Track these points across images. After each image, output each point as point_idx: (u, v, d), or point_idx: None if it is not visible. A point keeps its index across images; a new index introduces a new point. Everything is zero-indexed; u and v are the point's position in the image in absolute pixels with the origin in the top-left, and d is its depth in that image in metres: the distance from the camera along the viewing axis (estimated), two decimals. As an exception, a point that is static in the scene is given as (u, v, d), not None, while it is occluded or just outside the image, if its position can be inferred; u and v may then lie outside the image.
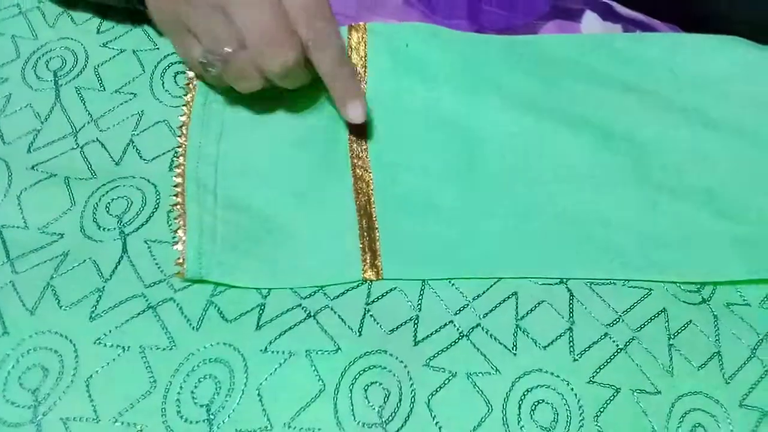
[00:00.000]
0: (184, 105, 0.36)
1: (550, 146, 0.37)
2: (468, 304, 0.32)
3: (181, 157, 0.35)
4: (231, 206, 0.34)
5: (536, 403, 0.29)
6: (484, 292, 0.33)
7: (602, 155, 0.37)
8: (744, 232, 0.35)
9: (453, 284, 0.33)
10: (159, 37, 0.39)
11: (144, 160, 0.35)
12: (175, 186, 0.34)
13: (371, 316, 0.31)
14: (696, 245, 0.34)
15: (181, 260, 0.31)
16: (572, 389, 0.29)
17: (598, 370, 0.30)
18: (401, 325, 0.31)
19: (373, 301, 0.32)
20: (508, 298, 0.32)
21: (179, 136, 0.35)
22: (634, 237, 0.34)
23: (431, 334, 0.31)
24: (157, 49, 0.39)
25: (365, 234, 0.34)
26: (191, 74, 0.37)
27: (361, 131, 0.37)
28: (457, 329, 0.31)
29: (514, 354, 0.30)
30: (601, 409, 0.29)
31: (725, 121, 0.37)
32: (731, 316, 0.33)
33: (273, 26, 0.32)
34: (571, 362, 0.30)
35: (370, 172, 0.36)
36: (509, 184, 0.36)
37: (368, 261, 0.33)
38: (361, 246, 0.33)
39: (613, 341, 0.31)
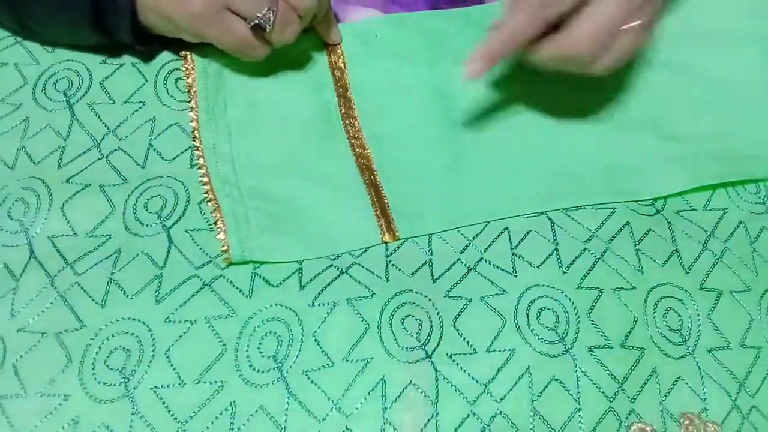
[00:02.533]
0: (190, 110, 0.40)
1: (515, 102, 0.43)
2: (470, 244, 0.38)
3: (200, 159, 0.39)
4: (256, 196, 0.38)
5: (540, 311, 0.35)
6: (481, 232, 0.39)
7: (562, 104, 0.43)
8: (683, 150, 0.42)
9: (455, 229, 0.39)
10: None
11: (166, 160, 0.39)
12: (204, 184, 0.38)
13: (393, 265, 0.37)
14: (646, 167, 0.41)
15: (225, 248, 0.36)
16: (566, 295, 0.36)
17: (583, 278, 0.36)
18: (419, 268, 0.37)
19: (391, 253, 0.37)
20: (502, 233, 0.38)
21: (193, 140, 0.39)
22: (596, 167, 0.41)
23: (445, 271, 0.37)
24: (153, 60, 0.42)
25: (375, 203, 0.39)
26: (190, 80, 0.41)
27: (350, 105, 0.42)
28: (465, 265, 0.37)
29: (515, 276, 0.36)
30: (592, 307, 0.35)
31: (656, 58, 0.44)
32: (682, 220, 0.40)
33: None
34: (561, 275, 0.36)
35: (368, 149, 0.41)
36: (487, 140, 0.42)
37: (383, 226, 0.38)
38: (375, 214, 0.39)
39: (592, 253, 0.37)
